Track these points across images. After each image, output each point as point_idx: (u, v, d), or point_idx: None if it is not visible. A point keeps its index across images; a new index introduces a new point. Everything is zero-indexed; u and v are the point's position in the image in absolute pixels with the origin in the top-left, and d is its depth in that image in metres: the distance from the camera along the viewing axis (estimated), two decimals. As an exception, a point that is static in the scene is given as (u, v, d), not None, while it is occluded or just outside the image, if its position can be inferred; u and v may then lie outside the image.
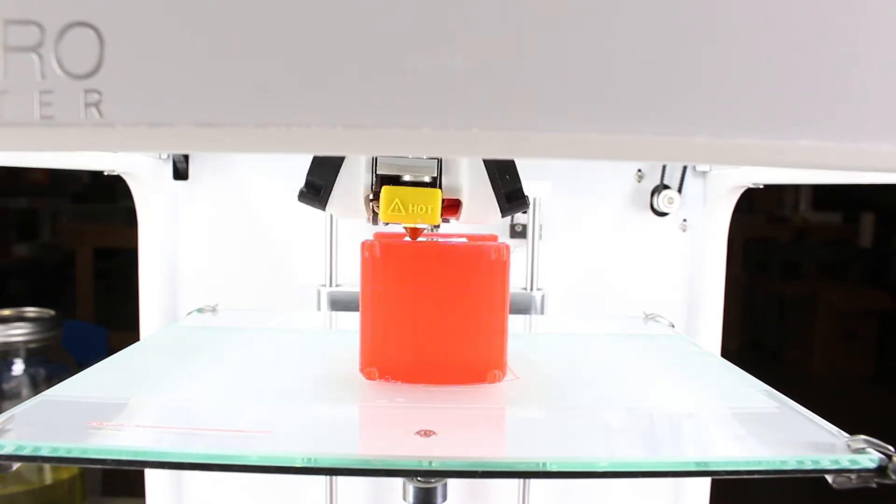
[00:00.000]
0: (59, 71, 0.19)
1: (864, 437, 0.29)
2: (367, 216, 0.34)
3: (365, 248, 0.37)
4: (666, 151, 0.19)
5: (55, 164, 0.54)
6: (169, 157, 0.63)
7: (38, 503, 0.72)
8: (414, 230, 0.36)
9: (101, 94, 0.19)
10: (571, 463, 0.29)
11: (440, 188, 0.32)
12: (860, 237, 2.28)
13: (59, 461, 0.28)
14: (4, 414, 0.30)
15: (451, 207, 0.34)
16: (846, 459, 0.28)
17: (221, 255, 0.65)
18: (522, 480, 0.58)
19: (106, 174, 0.58)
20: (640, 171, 0.65)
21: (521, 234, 0.64)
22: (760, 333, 2.32)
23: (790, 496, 1.31)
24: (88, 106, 0.19)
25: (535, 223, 0.61)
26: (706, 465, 0.29)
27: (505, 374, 0.38)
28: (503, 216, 0.34)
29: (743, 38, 0.19)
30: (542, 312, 0.61)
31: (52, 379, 0.74)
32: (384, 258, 0.37)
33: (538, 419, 0.35)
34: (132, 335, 0.57)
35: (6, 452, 0.27)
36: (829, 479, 0.29)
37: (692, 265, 0.66)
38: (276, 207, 0.65)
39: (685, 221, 0.65)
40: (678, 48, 0.19)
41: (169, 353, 0.46)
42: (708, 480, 0.64)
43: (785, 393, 0.37)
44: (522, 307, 0.61)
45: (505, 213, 0.34)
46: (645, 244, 0.66)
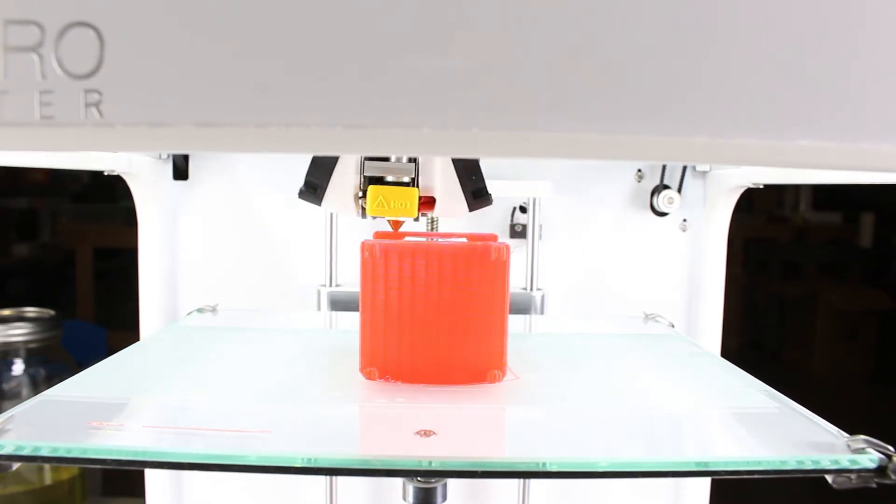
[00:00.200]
0: (59, 71, 0.19)
1: (863, 437, 0.29)
2: (356, 211, 0.39)
3: (365, 248, 0.37)
4: (666, 151, 0.19)
5: (55, 164, 0.54)
6: (169, 157, 0.63)
7: (38, 503, 0.72)
8: (395, 223, 0.42)
9: (101, 94, 0.19)
10: (571, 463, 0.29)
11: (417, 187, 0.37)
12: (860, 237, 2.28)
13: (58, 461, 0.28)
14: (4, 414, 0.30)
15: (427, 203, 0.39)
16: (846, 459, 0.28)
17: (221, 254, 0.65)
18: (522, 480, 0.58)
19: (106, 174, 0.58)
20: (640, 171, 0.65)
21: (521, 234, 0.64)
22: (760, 333, 2.32)
23: (790, 496, 1.31)
24: (88, 106, 0.19)
25: (535, 223, 0.61)
26: (706, 465, 0.29)
27: (505, 374, 0.38)
28: (470, 210, 0.39)
29: (743, 38, 0.19)
30: (541, 312, 0.61)
31: (52, 379, 0.74)
32: (384, 258, 0.37)
33: (538, 419, 0.35)
34: (132, 335, 0.57)
35: (6, 452, 0.27)
36: (829, 479, 0.29)
37: (692, 265, 0.66)
38: (275, 207, 0.65)
39: (685, 221, 0.65)
40: (678, 48, 0.19)
41: (169, 353, 0.46)
42: (708, 480, 0.64)
43: (785, 393, 0.37)
44: (522, 307, 0.61)
45: (472, 207, 0.39)
46: (645, 244, 0.66)
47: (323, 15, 0.18)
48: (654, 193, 0.64)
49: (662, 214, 0.65)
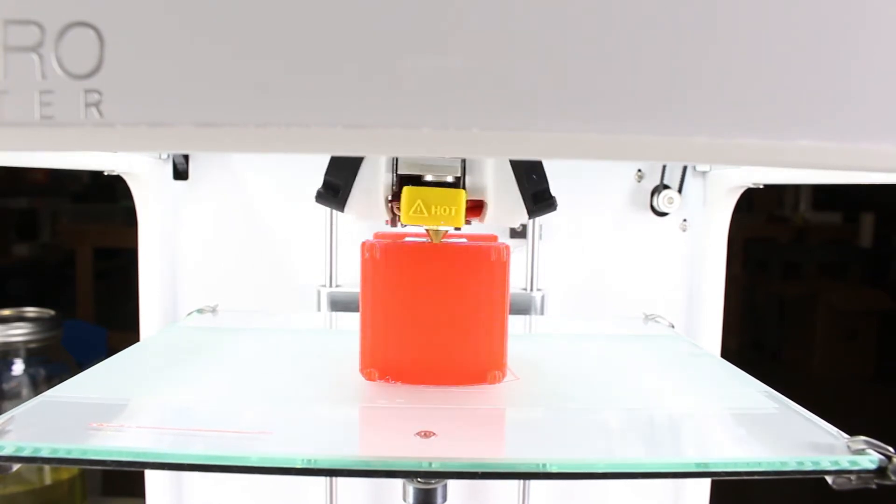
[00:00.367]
0: (59, 71, 0.19)
1: (863, 437, 0.29)
2: (386, 217, 0.33)
3: (365, 248, 0.37)
4: (666, 151, 0.19)
5: (55, 164, 0.54)
6: (169, 157, 0.63)
7: (37, 503, 0.72)
8: (436, 232, 0.35)
9: (101, 94, 0.19)
10: (571, 464, 0.28)
11: (464, 188, 0.31)
12: (860, 237, 2.28)
13: (59, 462, 0.28)
14: (5, 415, 0.30)
15: (474, 209, 0.33)
16: (846, 460, 0.28)
17: (221, 255, 0.65)
18: (522, 481, 0.58)
19: (106, 174, 0.58)
20: (640, 171, 0.65)
21: (521, 234, 0.64)
22: (760, 333, 2.32)
23: (790, 497, 1.31)
24: (88, 106, 0.19)
25: (535, 223, 0.61)
26: (706, 465, 0.29)
27: (505, 374, 0.38)
28: (530, 218, 0.33)
29: (743, 37, 0.19)
30: (541, 313, 0.61)
31: (52, 379, 0.74)
32: (384, 259, 0.37)
33: (538, 420, 0.35)
34: (132, 335, 0.57)
35: (6, 454, 0.27)
36: (828, 480, 0.29)
37: (692, 265, 0.66)
38: (276, 207, 0.65)
39: (685, 221, 0.65)
40: (678, 48, 0.19)
41: (169, 353, 0.46)
42: (708, 481, 0.64)
43: (785, 393, 0.37)
44: (522, 307, 0.61)
45: (532, 214, 0.32)
46: (645, 244, 0.66)
47: (323, 15, 0.18)
48: (654, 193, 0.64)
49: (662, 214, 0.65)
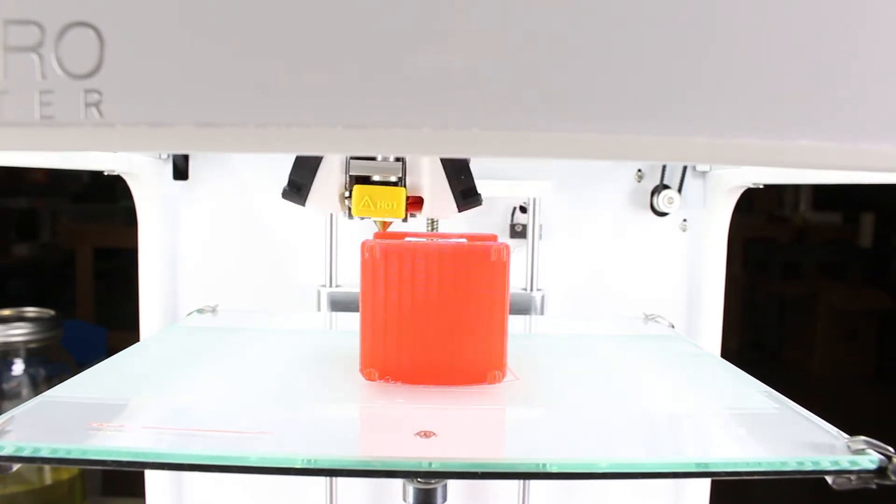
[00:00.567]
0: (59, 71, 0.19)
1: (863, 438, 0.29)
2: (343, 211, 0.38)
3: (365, 248, 0.37)
4: (666, 151, 0.19)
5: (55, 164, 0.54)
6: (169, 157, 0.63)
7: (37, 503, 0.72)
8: (383, 223, 0.41)
9: (101, 94, 0.19)
10: (571, 464, 0.28)
11: (405, 187, 0.36)
12: (860, 237, 2.28)
13: (58, 462, 0.28)
14: (5, 415, 0.30)
15: (414, 204, 0.38)
16: (846, 460, 0.28)
17: (221, 255, 0.65)
18: (522, 481, 0.58)
19: (106, 174, 0.58)
20: (640, 171, 0.65)
21: (521, 234, 0.64)
22: (760, 333, 2.32)
23: (790, 497, 1.31)
24: (88, 106, 0.19)
25: (535, 223, 0.61)
26: (706, 465, 0.29)
27: (505, 374, 0.38)
28: (459, 211, 0.38)
29: (743, 38, 0.19)
30: (541, 313, 0.61)
31: (52, 379, 0.74)
32: (384, 259, 0.37)
33: (538, 420, 0.35)
34: (132, 335, 0.57)
35: (6, 454, 0.27)
36: (829, 480, 0.29)
37: (692, 265, 0.66)
38: (276, 207, 0.65)
39: (685, 221, 0.65)
40: (678, 48, 0.19)
41: (169, 353, 0.46)
42: (708, 481, 0.64)
43: (785, 393, 0.37)
44: (522, 307, 0.61)
45: (461, 208, 0.38)
46: (645, 244, 0.66)
47: (323, 15, 0.18)
48: (654, 193, 0.64)
49: (662, 214, 0.65)
